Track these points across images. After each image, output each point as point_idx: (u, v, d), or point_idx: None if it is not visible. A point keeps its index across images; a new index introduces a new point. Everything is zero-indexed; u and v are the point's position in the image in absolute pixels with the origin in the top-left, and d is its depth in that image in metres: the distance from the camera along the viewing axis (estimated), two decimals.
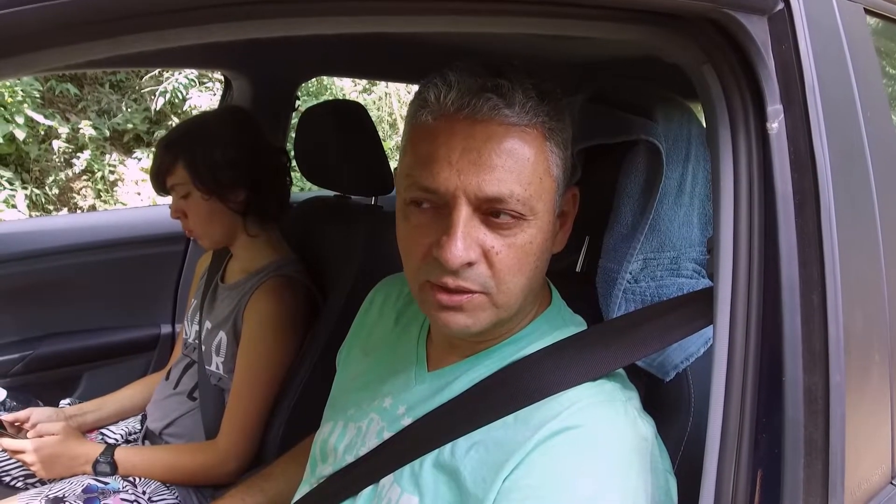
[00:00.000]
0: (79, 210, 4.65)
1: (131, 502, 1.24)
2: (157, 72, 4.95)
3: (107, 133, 4.84)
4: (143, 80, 5.04)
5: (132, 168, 4.97)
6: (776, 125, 0.65)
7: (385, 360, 0.87)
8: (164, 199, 1.41)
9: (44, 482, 1.34)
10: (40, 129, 4.46)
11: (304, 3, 0.45)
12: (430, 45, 1.59)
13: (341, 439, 0.85)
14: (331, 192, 1.58)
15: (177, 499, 1.31)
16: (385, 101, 6.42)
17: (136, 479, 1.31)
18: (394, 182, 0.79)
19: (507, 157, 0.66)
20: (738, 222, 0.66)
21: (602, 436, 0.66)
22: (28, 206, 4.33)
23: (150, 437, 1.47)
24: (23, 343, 1.74)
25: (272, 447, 1.31)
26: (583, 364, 0.72)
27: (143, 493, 1.28)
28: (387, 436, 0.78)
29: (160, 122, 5.09)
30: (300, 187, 4.27)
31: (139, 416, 1.55)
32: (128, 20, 0.35)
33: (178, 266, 1.98)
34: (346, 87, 6.12)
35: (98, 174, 4.75)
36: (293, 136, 1.59)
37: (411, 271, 0.72)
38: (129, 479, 1.30)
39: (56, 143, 4.55)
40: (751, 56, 0.64)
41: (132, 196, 4.90)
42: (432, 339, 0.84)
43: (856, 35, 0.78)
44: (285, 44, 1.61)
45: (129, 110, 4.99)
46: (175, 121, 4.96)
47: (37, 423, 1.32)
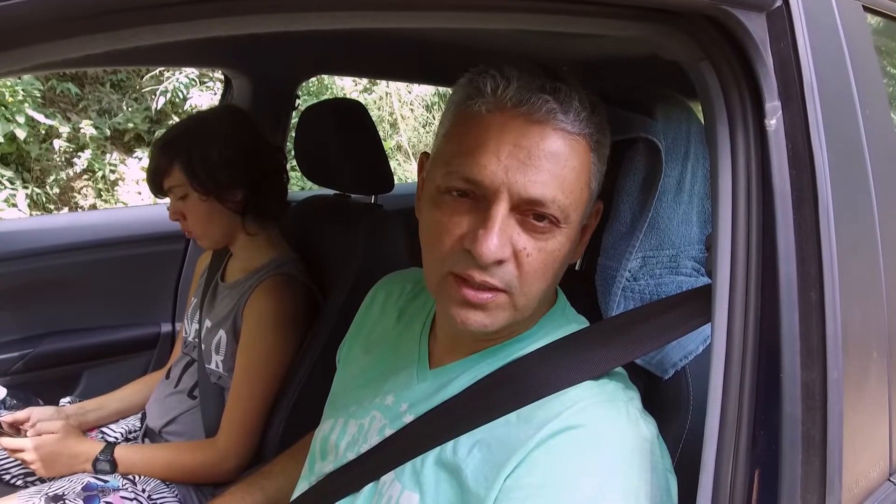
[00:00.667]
0: (79, 209, 4.65)
1: (131, 500, 1.24)
2: (157, 71, 4.95)
3: (107, 132, 4.84)
4: (144, 79, 5.04)
5: (133, 167, 4.97)
6: (774, 122, 0.65)
7: (387, 357, 0.87)
8: (165, 199, 1.41)
9: (43, 480, 1.34)
10: (41, 129, 4.46)
11: None
12: (430, 44, 1.60)
13: (342, 437, 0.85)
14: (331, 191, 1.58)
15: (176, 497, 1.31)
16: (386, 100, 6.42)
17: (136, 478, 1.31)
18: (422, 167, 0.77)
19: (555, 163, 0.66)
20: (737, 219, 0.66)
21: (604, 436, 0.66)
22: (29, 206, 4.33)
23: (149, 435, 1.47)
24: (23, 341, 1.74)
25: (272, 445, 1.31)
26: (583, 362, 0.72)
27: (143, 491, 1.28)
28: (389, 433, 0.78)
29: (161, 121, 5.09)
30: (300, 187, 4.27)
31: (139, 415, 1.56)
32: (125, 13, 0.35)
33: (179, 264, 1.98)
34: (346, 86, 6.12)
35: (99, 174, 4.75)
36: (293, 135, 1.59)
37: (435, 260, 0.70)
38: (129, 477, 1.30)
39: (57, 143, 4.55)
40: (749, 53, 0.64)
41: (133, 195, 4.91)
42: (435, 336, 0.84)
43: (854, 32, 0.78)
44: (286, 42, 1.61)
45: (129, 110, 4.99)
46: (176, 120, 4.96)
47: (36, 423, 1.32)
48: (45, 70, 2.95)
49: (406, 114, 6.51)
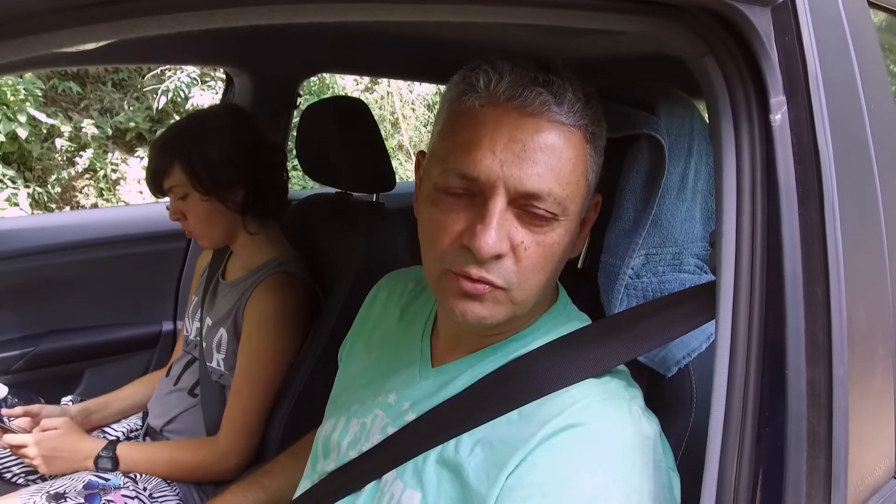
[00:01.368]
0: (81, 209, 4.65)
1: (132, 499, 1.24)
2: (159, 70, 4.96)
3: (109, 132, 4.85)
4: (146, 78, 5.05)
5: (134, 167, 4.98)
6: (779, 117, 0.64)
7: (389, 355, 0.87)
8: (165, 198, 1.40)
9: (45, 478, 1.34)
10: (43, 128, 4.46)
11: None
12: (432, 42, 1.59)
13: (344, 435, 0.85)
14: (332, 190, 1.58)
15: (178, 495, 1.31)
16: (387, 100, 6.42)
17: (138, 476, 1.31)
18: (419, 166, 0.77)
19: (550, 155, 0.65)
20: (741, 214, 0.65)
21: (606, 434, 0.66)
22: (30, 205, 4.33)
23: (151, 433, 1.47)
24: (24, 340, 1.74)
25: (273, 444, 1.31)
26: (585, 360, 0.72)
27: (144, 489, 1.28)
28: (391, 431, 0.78)
29: (162, 120, 5.09)
30: (302, 185, 4.27)
31: (140, 413, 1.56)
32: (128, 3, 0.34)
33: (180, 263, 1.98)
34: (348, 85, 6.12)
35: (100, 173, 4.76)
36: (294, 134, 1.59)
37: (434, 258, 0.70)
38: (131, 475, 1.30)
39: (58, 142, 4.56)
40: (754, 47, 0.64)
41: (134, 195, 4.91)
42: (437, 335, 0.84)
43: (859, 26, 0.78)
44: (288, 40, 1.60)
45: (131, 109, 5.00)
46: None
47: (41, 419, 1.32)
48: (47, 67, 2.95)
49: (407, 113, 6.52)
